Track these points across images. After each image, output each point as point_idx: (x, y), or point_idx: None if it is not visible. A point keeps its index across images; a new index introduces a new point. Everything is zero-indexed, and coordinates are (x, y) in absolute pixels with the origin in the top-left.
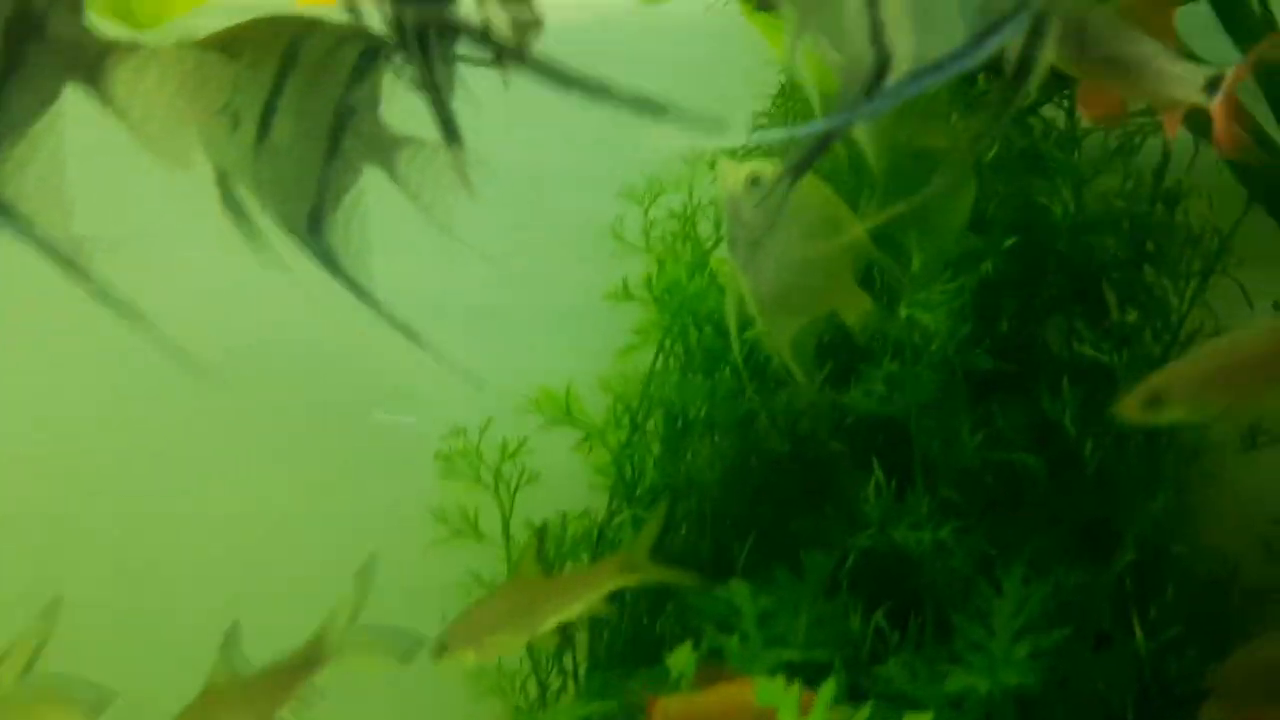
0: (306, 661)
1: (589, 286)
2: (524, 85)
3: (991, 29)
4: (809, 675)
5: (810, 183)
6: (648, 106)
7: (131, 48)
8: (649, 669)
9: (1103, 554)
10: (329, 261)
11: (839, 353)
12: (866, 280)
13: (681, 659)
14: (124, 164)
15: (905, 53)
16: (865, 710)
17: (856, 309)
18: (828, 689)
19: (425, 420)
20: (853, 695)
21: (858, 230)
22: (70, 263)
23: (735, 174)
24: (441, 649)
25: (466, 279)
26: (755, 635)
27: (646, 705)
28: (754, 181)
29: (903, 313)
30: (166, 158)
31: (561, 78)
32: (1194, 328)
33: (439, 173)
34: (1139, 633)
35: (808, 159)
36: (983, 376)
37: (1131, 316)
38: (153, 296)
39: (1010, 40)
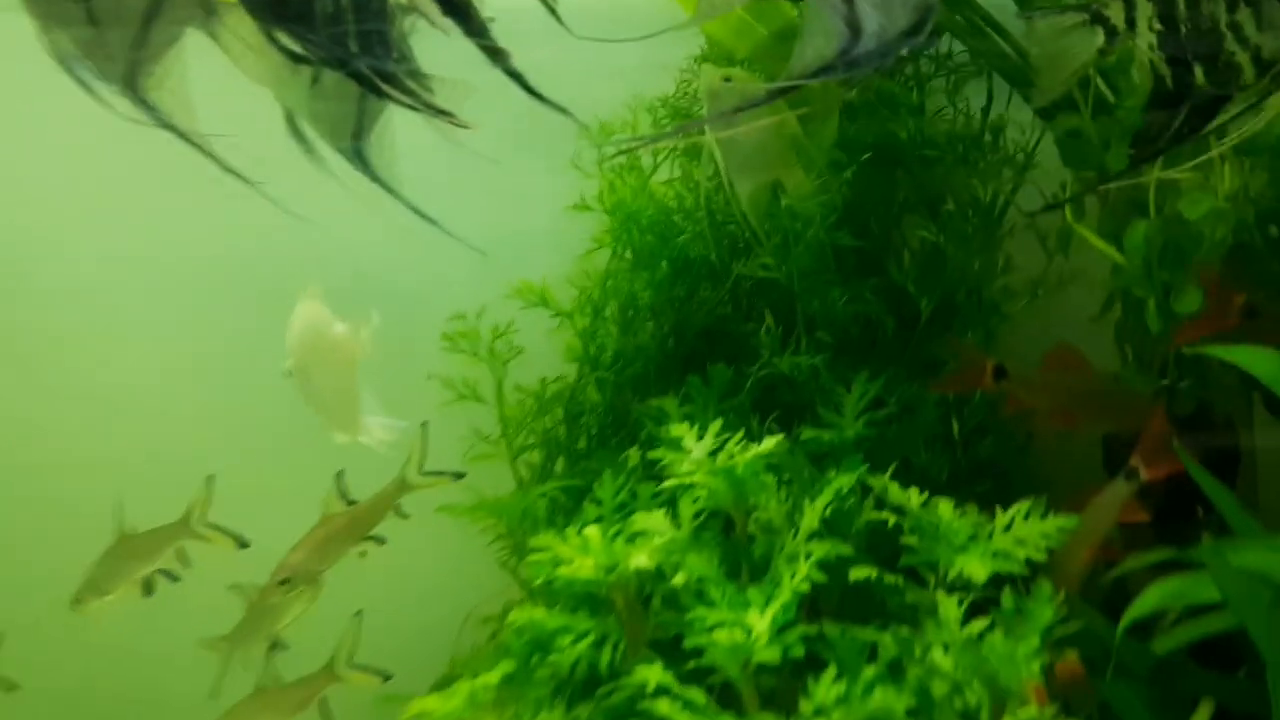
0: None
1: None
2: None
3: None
4: None
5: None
6: None
7: (233, 6)
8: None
9: (934, 369)
10: (367, 169)
11: (739, 239)
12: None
13: None
14: None
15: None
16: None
17: (795, 180)
18: None
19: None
20: None
21: (793, 121)
22: (197, 145)
23: (714, 74)
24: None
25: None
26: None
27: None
28: (726, 79)
29: (784, 202)
30: (254, 80)
31: None
32: (1011, 223)
33: (446, 100)
34: (955, 425)
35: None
36: (851, 257)
37: (951, 206)
38: None
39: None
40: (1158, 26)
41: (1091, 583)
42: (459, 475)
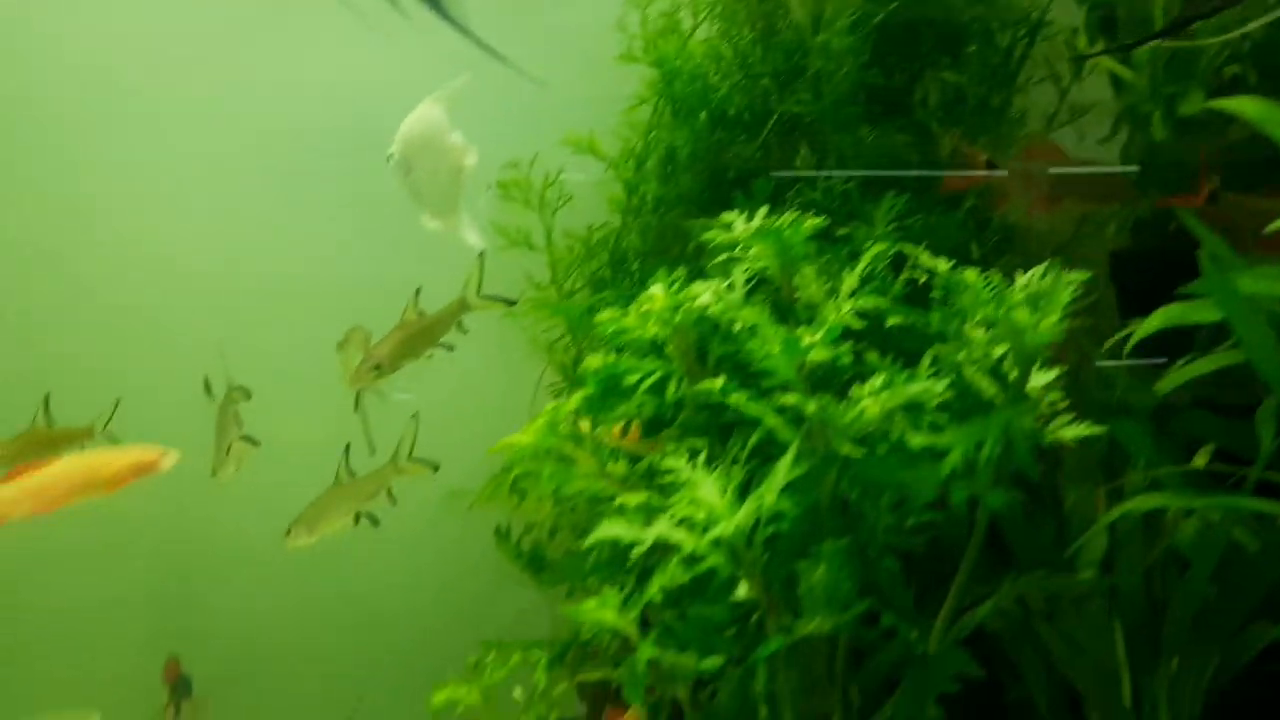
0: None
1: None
2: None
3: None
4: None
5: None
6: None
7: None
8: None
9: (955, 202)
10: (442, 13)
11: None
12: None
13: None
14: None
15: None
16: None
17: None
18: None
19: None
20: None
21: None
22: None
23: None
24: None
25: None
26: None
27: None
28: None
29: (819, 40)
30: None
31: None
32: (1028, 75)
33: None
34: (975, 249)
35: None
36: (879, 100)
37: (972, 48)
38: None
39: None
40: None
41: None
42: (511, 302)
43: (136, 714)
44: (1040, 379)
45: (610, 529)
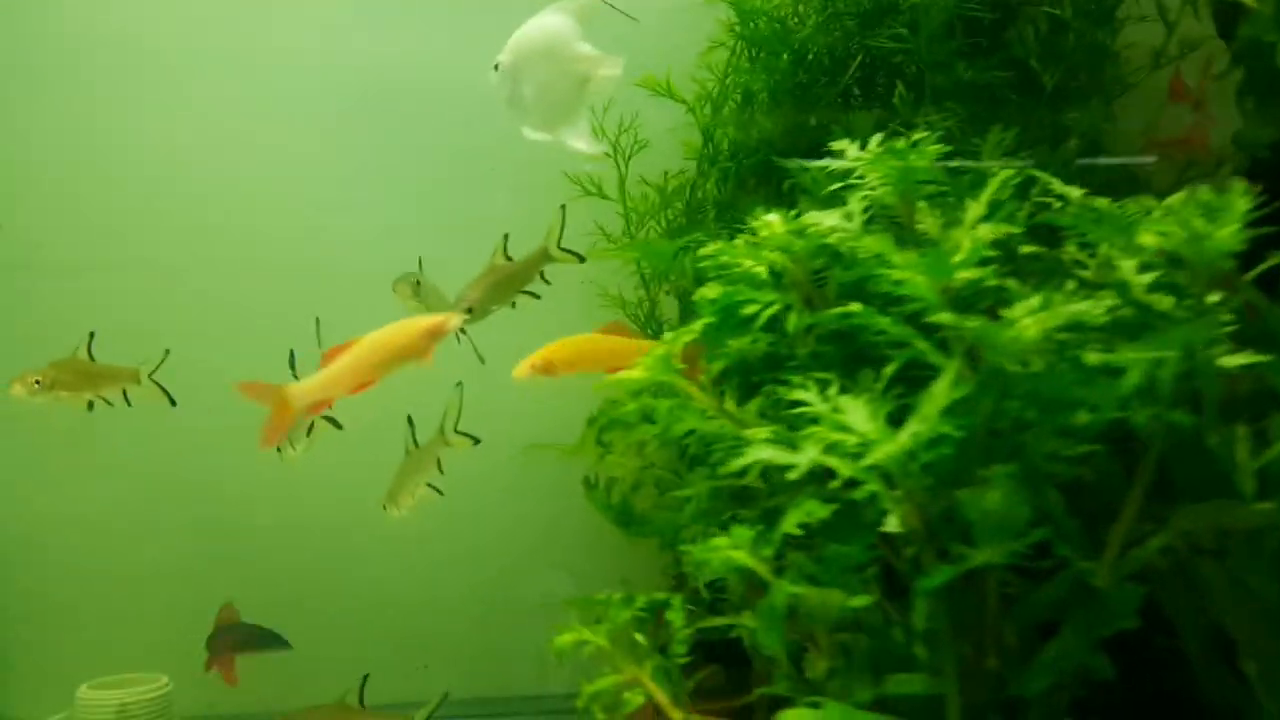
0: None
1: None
2: None
3: None
4: None
5: None
6: None
7: None
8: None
9: (1053, 142)
10: None
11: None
12: None
13: None
14: None
15: None
16: None
17: None
18: None
19: None
20: None
21: None
22: None
23: None
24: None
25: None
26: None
27: None
28: None
29: None
30: None
31: None
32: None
33: None
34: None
35: None
36: (975, 33)
37: None
38: None
39: None
40: None
41: None
42: (582, 258)
43: (198, 679)
44: (1213, 297)
45: (760, 452)
